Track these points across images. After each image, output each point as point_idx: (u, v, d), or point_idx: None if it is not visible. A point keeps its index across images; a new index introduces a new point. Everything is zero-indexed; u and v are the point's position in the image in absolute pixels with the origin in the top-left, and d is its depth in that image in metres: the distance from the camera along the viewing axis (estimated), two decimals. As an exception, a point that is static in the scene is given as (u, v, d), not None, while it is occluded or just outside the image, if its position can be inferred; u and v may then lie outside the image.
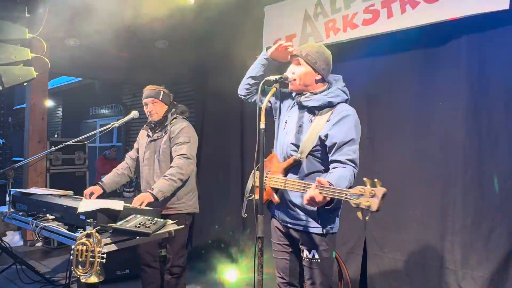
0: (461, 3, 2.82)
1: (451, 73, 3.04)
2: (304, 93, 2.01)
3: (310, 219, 1.97)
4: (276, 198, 2.02)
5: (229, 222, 4.71)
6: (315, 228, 1.97)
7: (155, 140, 2.99)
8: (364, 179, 1.56)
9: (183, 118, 3.06)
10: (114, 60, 6.06)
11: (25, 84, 4.43)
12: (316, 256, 1.98)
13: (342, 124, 1.87)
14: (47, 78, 5.44)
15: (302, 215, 1.99)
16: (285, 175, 1.99)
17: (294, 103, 2.12)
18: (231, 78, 4.67)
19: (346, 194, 1.58)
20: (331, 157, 1.87)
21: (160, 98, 2.96)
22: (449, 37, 3.04)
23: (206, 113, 5.22)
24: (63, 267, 4.45)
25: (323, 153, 1.93)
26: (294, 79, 1.97)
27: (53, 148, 2.68)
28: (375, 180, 1.54)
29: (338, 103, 1.94)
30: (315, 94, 1.97)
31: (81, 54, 5.53)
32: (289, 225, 2.05)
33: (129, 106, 9.15)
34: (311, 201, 1.66)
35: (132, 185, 7.51)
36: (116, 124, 2.83)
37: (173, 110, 3.02)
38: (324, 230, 1.97)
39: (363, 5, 3.27)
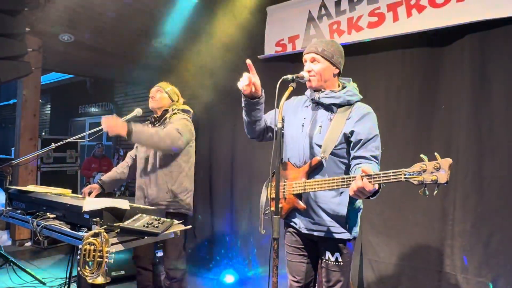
0: (468, 8, 2.83)
1: (454, 74, 3.05)
2: (322, 90, 1.98)
3: (337, 225, 1.89)
4: (301, 204, 1.93)
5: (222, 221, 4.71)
6: (343, 233, 1.90)
7: None
8: (421, 155, 1.48)
9: (185, 115, 2.97)
10: (109, 58, 5.96)
11: (21, 79, 4.36)
12: (339, 259, 1.91)
13: (365, 121, 1.87)
14: (40, 74, 5.31)
15: (328, 221, 1.90)
16: (308, 179, 1.90)
17: (305, 103, 2.08)
18: (229, 77, 4.67)
19: (404, 174, 1.49)
20: (355, 153, 1.84)
21: (166, 90, 2.94)
22: (453, 37, 3.04)
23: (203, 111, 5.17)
24: (54, 268, 4.34)
25: (345, 151, 1.90)
26: (313, 76, 1.93)
27: (53, 145, 2.59)
28: (435, 153, 1.45)
29: (355, 101, 1.95)
30: (335, 92, 1.95)
31: (75, 50, 5.44)
32: (314, 233, 1.95)
33: (120, 105, 9.02)
34: (359, 191, 1.59)
35: (123, 185, 7.40)
36: (120, 121, 2.76)
37: (175, 107, 2.95)
38: (351, 235, 1.91)
39: (369, 8, 3.29)
